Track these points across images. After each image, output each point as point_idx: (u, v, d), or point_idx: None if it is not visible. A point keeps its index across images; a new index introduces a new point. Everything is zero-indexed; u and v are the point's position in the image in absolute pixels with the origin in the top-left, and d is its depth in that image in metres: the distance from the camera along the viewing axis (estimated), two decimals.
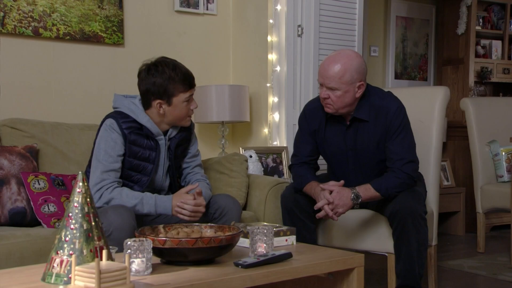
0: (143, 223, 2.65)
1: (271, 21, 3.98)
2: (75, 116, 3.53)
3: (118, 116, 2.72)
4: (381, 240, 2.96)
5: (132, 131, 2.71)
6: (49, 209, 2.85)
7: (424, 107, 3.29)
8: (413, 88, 4.23)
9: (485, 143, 4.44)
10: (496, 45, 5.77)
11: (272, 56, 3.98)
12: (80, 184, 1.87)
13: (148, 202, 2.63)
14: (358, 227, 3.03)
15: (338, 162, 3.01)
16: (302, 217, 2.91)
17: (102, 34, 3.68)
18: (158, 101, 2.70)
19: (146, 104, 2.74)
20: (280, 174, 3.85)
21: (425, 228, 2.77)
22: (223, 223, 2.68)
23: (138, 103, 2.76)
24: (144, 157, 2.74)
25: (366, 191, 2.79)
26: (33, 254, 2.50)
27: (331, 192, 2.77)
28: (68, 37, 3.57)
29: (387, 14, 5.54)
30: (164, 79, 2.67)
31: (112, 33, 3.72)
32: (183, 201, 2.62)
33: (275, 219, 3.13)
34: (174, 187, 2.89)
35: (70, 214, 1.84)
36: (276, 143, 3.96)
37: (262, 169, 3.70)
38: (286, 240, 2.42)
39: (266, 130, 4.03)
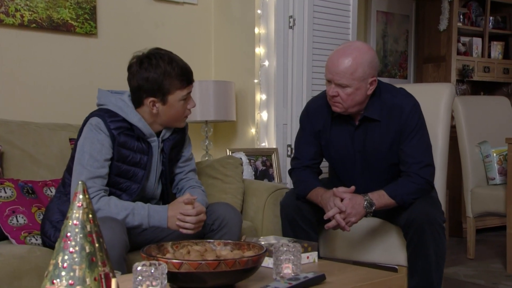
0: (130, 235, 2.30)
1: (258, 11, 3.73)
2: (44, 114, 3.23)
3: (105, 114, 2.36)
4: (391, 251, 2.73)
5: (121, 132, 2.36)
6: (17, 221, 2.54)
7: (429, 105, 3.06)
8: (416, 85, 4.03)
9: (476, 144, 4.26)
10: (477, 42, 5.70)
11: (260, 50, 3.73)
12: (81, 196, 1.52)
13: (140, 212, 2.31)
14: (364, 237, 2.80)
15: (344, 166, 2.75)
16: (305, 227, 2.65)
17: (72, 22, 3.34)
18: (151, 99, 2.37)
19: (137, 102, 2.40)
20: (270, 178, 3.55)
21: (444, 238, 2.54)
22: (222, 235, 2.41)
23: (127, 100, 2.42)
24: (134, 162, 2.40)
25: (380, 198, 2.54)
26: (6, 276, 2.16)
27: (341, 199, 2.50)
28: (34, 24, 3.22)
29: (368, 8, 5.35)
30: (159, 74, 2.33)
31: (84, 21, 3.37)
32: (183, 213, 2.29)
33: (274, 229, 2.85)
34: (166, 195, 2.57)
35: (69, 234, 1.50)
36: (264, 144, 3.68)
37: (253, 173, 3.39)
38: (308, 257, 2.12)
39: (253, 130, 3.76)
